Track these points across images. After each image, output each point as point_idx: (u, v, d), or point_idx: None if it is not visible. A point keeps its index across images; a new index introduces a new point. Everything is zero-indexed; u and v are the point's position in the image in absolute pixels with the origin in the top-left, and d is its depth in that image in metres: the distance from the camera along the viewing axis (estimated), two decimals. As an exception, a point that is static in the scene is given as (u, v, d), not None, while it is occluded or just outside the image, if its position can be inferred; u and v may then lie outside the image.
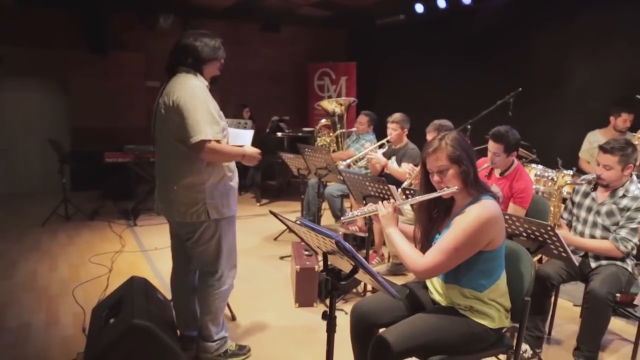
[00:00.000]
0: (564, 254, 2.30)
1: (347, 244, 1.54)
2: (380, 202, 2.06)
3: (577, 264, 2.31)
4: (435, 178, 1.91)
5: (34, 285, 3.77)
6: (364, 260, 1.59)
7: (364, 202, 3.45)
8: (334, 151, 5.45)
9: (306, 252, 3.60)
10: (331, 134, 5.44)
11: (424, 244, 2.01)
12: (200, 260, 2.59)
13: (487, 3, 5.40)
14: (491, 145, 3.15)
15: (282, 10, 7.81)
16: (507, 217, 2.37)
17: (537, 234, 2.31)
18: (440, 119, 3.88)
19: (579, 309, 3.37)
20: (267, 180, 7.33)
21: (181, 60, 2.42)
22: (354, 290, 3.64)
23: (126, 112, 7.78)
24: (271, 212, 1.95)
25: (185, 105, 2.27)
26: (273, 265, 4.29)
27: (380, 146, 4.49)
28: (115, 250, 4.56)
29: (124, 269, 4.10)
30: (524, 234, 2.39)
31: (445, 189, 1.87)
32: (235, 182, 2.57)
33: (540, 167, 4.20)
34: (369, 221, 3.52)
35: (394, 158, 4.44)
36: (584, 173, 4.43)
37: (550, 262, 2.75)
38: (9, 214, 6.03)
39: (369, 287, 3.63)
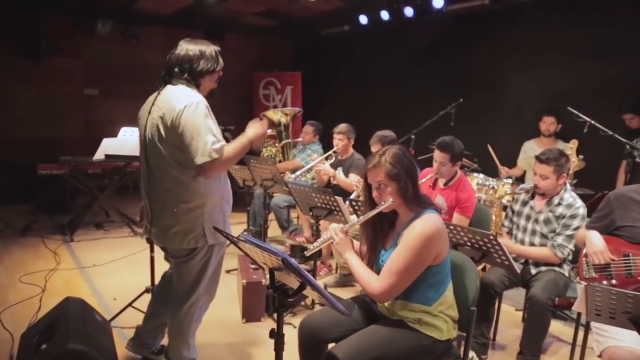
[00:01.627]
0: (506, 262, 2.37)
1: (293, 261, 1.50)
2: (332, 230, 2.04)
3: (518, 271, 2.39)
4: (374, 193, 1.94)
5: (-46, 310, 3.44)
6: (311, 277, 1.56)
7: (311, 213, 3.44)
8: (280, 161, 5.41)
9: (252, 266, 3.53)
10: (277, 144, 5.39)
11: (371, 258, 2.02)
12: (180, 280, 2.43)
13: (429, 16, 5.57)
14: (437, 155, 3.23)
15: (226, 19, 7.71)
16: (451, 227, 2.43)
17: (480, 243, 2.38)
18: (383, 130, 3.93)
19: (520, 314, 3.50)
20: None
21: (177, 74, 2.25)
22: (303, 303, 3.60)
23: (62, 121, 7.37)
24: (215, 228, 1.88)
25: (192, 125, 2.11)
26: (224, 276, 4.15)
27: (327, 157, 4.49)
28: (50, 268, 4.27)
29: (59, 289, 3.84)
30: (468, 244, 2.44)
31: (382, 203, 1.89)
32: (230, 204, 2.43)
33: (481, 176, 4.36)
34: (315, 231, 3.50)
35: (340, 169, 4.46)
36: (523, 182, 4.65)
37: (493, 270, 2.84)
38: None
39: (317, 299, 3.60)
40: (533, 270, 2.80)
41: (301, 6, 6.67)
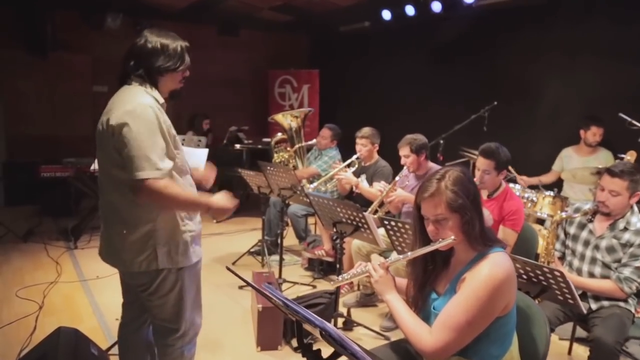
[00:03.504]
0: (571, 301, 2.00)
1: (335, 331, 1.15)
2: (370, 264, 1.71)
3: (584, 310, 2.03)
4: (430, 227, 1.56)
5: (-57, 330, 3.16)
6: (357, 348, 1.20)
7: (334, 229, 3.10)
8: (294, 167, 5.05)
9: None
10: (289, 149, 5.04)
11: (418, 301, 1.66)
12: (158, 316, 2.10)
13: (458, 11, 5.17)
14: (481, 163, 2.87)
15: (241, 13, 7.37)
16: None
17: (541, 277, 2.01)
18: (413, 134, 3.57)
19: (566, 344, 3.12)
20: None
21: (131, 70, 1.93)
22: (324, 328, 3.25)
23: (70, 119, 7.09)
24: (228, 269, 1.55)
25: (130, 132, 1.79)
26: (230, 296, 3.84)
27: (350, 164, 4.13)
28: (49, 281, 3.98)
29: (57, 306, 3.54)
30: (524, 276, 2.08)
31: (440, 240, 1.53)
32: (195, 222, 2.07)
33: (518, 186, 3.97)
34: (339, 248, 3.15)
35: (364, 176, 4.10)
36: (560, 190, 4.25)
37: (545, 303, 2.46)
38: None
39: (340, 323, 3.25)
40: (593, 305, 2.42)
41: (320, 0, 6.32)
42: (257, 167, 4.02)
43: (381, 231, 3.00)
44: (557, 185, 4.37)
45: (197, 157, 2.83)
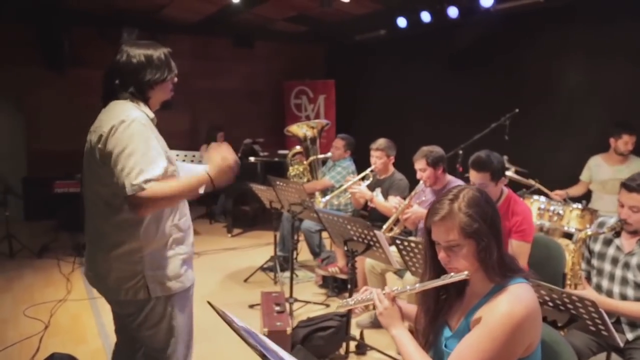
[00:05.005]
0: (604, 332, 1.79)
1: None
2: (375, 292, 1.56)
3: (621, 344, 1.81)
4: (441, 254, 1.39)
5: (-53, 351, 3.11)
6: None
7: (345, 247, 2.94)
8: (308, 180, 4.91)
9: (277, 308, 3.04)
10: (304, 162, 4.90)
11: (429, 336, 1.48)
12: (149, 345, 1.97)
13: (476, 16, 4.98)
14: (474, 176, 2.68)
15: (255, 25, 7.34)
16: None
17: (569, 306, 1.80)
18: (430, 145, 3.39)
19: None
20: (240, 206, 6.75)
21: (118, 88, 1.83)
22: (337, 353, 3.07)
23: (85, 134, 7.08)
24: (209, 303, 1.41)
25: (120, 149, 1.67)
26: (240, 315, 3.57)
27: (364, 177, 3.97)
28: (58, 299, 3.91)
29: (63, 326, 3.47)
30: (550, 303, 1.88)
31: (452, 275, 1.36)
32: (187, 244, 1.95)
33: (543, 199, 3.74)
34: (351, 266, 2.99)
35: (379, 190, 3.93)
36: (588, 201, 3.99)
37: (575, 332, 2.24)
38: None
39: (352, 347, 3.07)
40: (629, 335, 2.18)
41: (334, 10, 6.21)
42: (268, 182, 3.90)
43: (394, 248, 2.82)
44: (586, 197, 4.11)
45: (193, 173, 2.72)
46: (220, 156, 1.81)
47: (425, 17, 5.41)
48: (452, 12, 5.02)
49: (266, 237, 5.95)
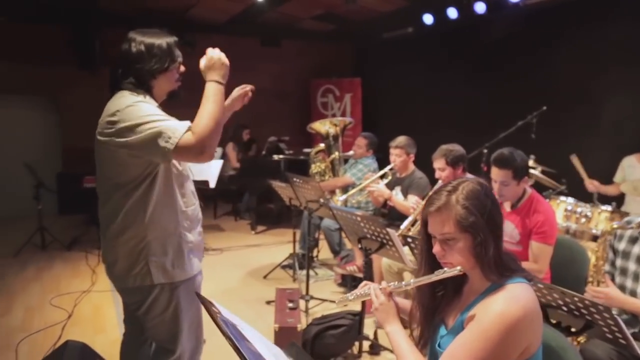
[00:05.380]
0: (622, 340, 1.69)
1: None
2: (372, 287, 1.53)
3: None
4: (436, 248, 1.34)
5: (-24, 336, 3.25)
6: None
7: (359, 245, 2.90)
8: (329, 178, 4.88)
9: (290, 304, 3.03)
10: (326, 160, 4.88)
11: (424, 333, 1.44)
12: (154, 336, 1.99)
13: (504, 11, 4.84)
14: (496, 174, 2.59)
15: (283, 24, 7.37)
16: (541, 286, 1.78)
17: (583, 311, 1.72)
18: (449, 144, 3.30)
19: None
20: (265, 203, 6.79)
21: (121, 78, 1.82)
22: (349, 351, 3.04)
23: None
24: (196, 294, 1.39)
25: (127, 116, 1.69)
26: (256, 311, 3.71)
27: (383, 176, 3.92)
28: (83, 290, 4.03)
29: (85, 315, 3.56)
30: (564, 307, 1.79)
31: (445, 270, 1.31)
32: (196, 233, 1.96)
33: (571, 200, 3.59)
34: (366, 264, 2.95)
35: (398, 189, 3.87)
36: (621, 204, 3.81)
37: (597, 340, 2.13)
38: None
39: (365, 347, 3.03)
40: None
41: (361, 7, 6.18)
42: (286, 179, 3.90)
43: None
44: (617, 199, 3.92)
45: (207, 169, 2.74)
46: (206, 60, 1.83)
47: (452, 13, 5.31)
48: (480, 7, 4.90)
49: (289, 234, 5.93)
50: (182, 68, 1.96)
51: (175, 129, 1.69)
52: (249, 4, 6.08)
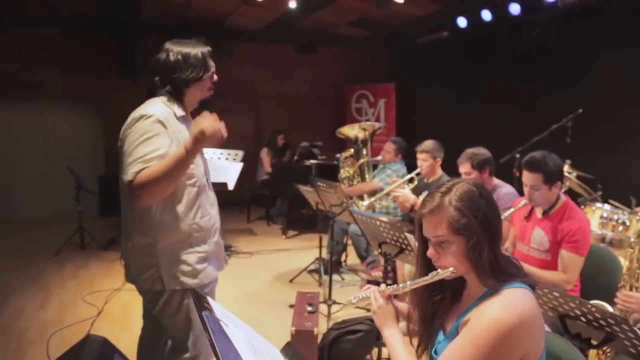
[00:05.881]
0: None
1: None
2: (373, 289, 1.50)
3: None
4: (430, 251, 1.30)
5: (11, 328, 3.41)
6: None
7: (379, 250, 2.86)
8: (357, 183, 4.85)
9: (309, 308, 3.01)
10: (355, 164, 4.84)
11: (423, 338, 1.39)
12: (170, 333, 2.04)
13: (540, 13, 4.67)
14: (526, 177, 2.47)
15: (318, 31, 7.42)
16: (556, 294, 1.69)
17: (602, 322, 1.61)
18: (476, 147, 3.20)
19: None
20: (297, 208, 6.81)
21: (157, 85, 1.90)
22: (368, 357, 2.99)
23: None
24: (192, 291, 1.40)
25: (127, 143, 1.78)
26: (279, 315, 3.71)
27: (410, 180, 3.85)
28: (114, 288, 4.17)
29: (115, 312, 3.68)
30: (582, 318, 1.69)
31: (438, 271, 1.27)
32: (209, 243, 1.97)
33: (607, 206, 3.40)
34: (389, 270, 2.90)
35: (425, 194, 3.78)
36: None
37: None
38: (35, 239, 5.85)
39: (385, 354, 2.97)
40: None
41: (394, 12, 6.14)
42: (311, 183, 3.90)
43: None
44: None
45: (226, 171, 2.77)
46: (196, 127, 1.75)
47: (486, 15, 5.18)
48: (514, 8, 4.75)
49: (311, 240, 5.96)
50: (215, 77, 2.00)
51: (132, 172, 1.71)
52: (283, 12, 6.16)
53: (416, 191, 3.83)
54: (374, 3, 5.50)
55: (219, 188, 2.89)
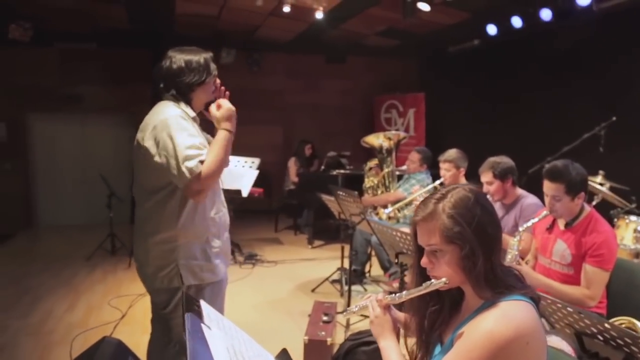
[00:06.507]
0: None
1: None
2: (372, 298, 1.47)
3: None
4: (424, 260, 1.26)
5: (40, 328, 3.53)
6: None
7: (396, 260, 2.81)
8: (382, 192, 4.79)
9: (325, 318, 2.98)
10: (379, 174, 4.79)
11: (421, 349, 1.35)
12: (180, 335, 2.07)
13: (573, 18, 4.51)
14: (547, 187, 2.36)
15: (348, 41, 7.44)
16: (570, 310, 1.60)
17: (619, 341, 1.52)
18: (499, 156, 3.10)
19: None
20: (325, 218, 6.78)
21: (163, 91, 2.00)
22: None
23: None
24: (182, 292, 1.40)
25: (162, 145, 1.84)
26: (298, 324, 3.68)
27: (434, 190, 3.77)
28: (139, 293, 4.25)
29: (137, 316, 3.75)
30: (600, 337, 1.59)
31: (432, 281, 1.23)
32: (222, 239, 2.07)
33: (634, 217, 3.23)
34: (401, 275, 2.84)
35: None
36: None
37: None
38: (70, 245, 6.08)
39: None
40: None
41: (424, 22, 6.09)
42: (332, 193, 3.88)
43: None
44: None
45: (241, 178, 2.80)
46: (223, 111, 1.94)
47: (517, 22, 5.05)
48: (545, 14, 4.61)
49: (333, 250, 5.91)
50: (218, 81, 2.09)
51: (191, 169, 1.80)
52: (311, 23, 6.22)
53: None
54: (402, 13, 5.47)
55: (233, 195, 2.91)
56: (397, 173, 5.11)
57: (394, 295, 1.40)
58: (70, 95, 7.23)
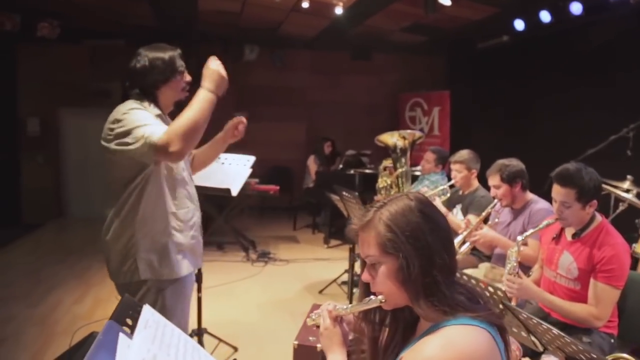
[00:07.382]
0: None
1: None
2: (325, 307, 1.34)
3: None
4: (364, 274, 1.15)
5: (46, 319, 3.61)
6: None
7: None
8: (395, 193, 4.64)
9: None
10: (393, 174, 4.63)
11: None
12: None
13: (605, 12, 4.22)
14: (556, 192, 2.15)
15: (372, 37, 7.29)
16: (555, 333, 1.45)
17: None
18: (508, 158, 2.91)
19: None
20: (343, 218, 6.67)
21: (128, 90, 1.96)
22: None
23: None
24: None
25: (125, 130, 1.80)
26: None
27: (443, 192, 3.61)
28: (148, 288, 4.29)
29: (141, 312, 3.77)
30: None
31: (371, 298, 1.13)
32: (188, 236, 1.99)
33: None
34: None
35: (459, 207, 3.53)
36: None
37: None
38: (93, 237, 6.15)
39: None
40: None
41: (449, 17, 5.88)
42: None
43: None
44: None
45: (232, 177, 2.73)
46: (205, 69, 1.95)
47: (545, 16, 4.77)
48: (576, 8, 4.33)
49: (343, 251, 5.78)
50: (188, 77, 2.06)
51: (153, 132, 1.76)
52: (333, 19, 6.11)
53: (450, 203, 3.59)
54: (423, 8, 5.30)
55: (221, 194, 2.85)
56: (416, 173, 4.95)
57: (344, 306, 1.30)
58: (100, 90, 7.40)
